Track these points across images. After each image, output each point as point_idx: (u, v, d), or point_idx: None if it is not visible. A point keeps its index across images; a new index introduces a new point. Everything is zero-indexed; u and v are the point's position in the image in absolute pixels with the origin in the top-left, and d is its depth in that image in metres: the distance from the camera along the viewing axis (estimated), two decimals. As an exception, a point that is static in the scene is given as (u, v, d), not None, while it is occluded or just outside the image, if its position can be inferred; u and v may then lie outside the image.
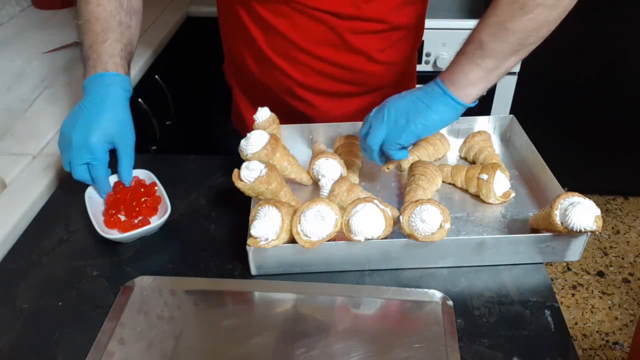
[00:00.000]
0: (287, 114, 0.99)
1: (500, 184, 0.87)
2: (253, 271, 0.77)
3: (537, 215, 0.81)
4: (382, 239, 0.74)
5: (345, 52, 0.97)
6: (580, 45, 2.04)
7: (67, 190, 0.95)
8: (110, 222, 0.83)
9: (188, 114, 1.71)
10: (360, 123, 0.99)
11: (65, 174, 0.98)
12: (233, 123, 1.23)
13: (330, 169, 0.88)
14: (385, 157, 0.85)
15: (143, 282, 0.77)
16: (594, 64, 2.08)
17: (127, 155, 0.86)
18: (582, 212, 0.72)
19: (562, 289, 2.10)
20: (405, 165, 0.94)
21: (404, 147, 0.82)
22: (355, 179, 0.91)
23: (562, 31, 0.78)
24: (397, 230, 0.77)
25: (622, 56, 2.05)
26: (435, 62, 1.76)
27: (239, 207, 0.85)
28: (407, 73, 1.14)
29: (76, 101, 1.16)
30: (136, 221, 0.84)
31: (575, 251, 0.79)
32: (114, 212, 0.85)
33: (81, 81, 1.23)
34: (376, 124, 0.82)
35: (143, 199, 0.87)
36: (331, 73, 1.00)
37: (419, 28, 1.04)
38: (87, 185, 0.88)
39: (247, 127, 0.88)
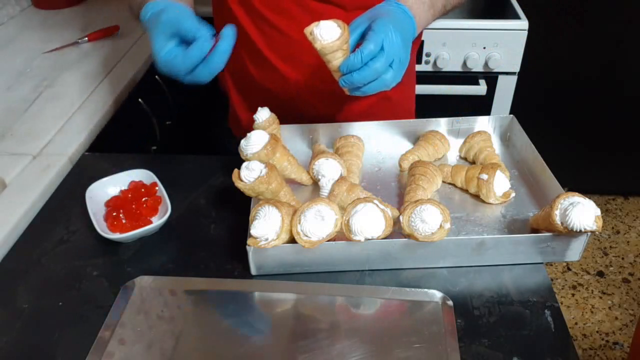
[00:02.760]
0: (287, 117, 0.99)
1: (500, 184, 0.87)
2: (253, 271, 0.77)
3: (537, 215, 0.81)
4: (382, 239, 0.74)
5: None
6: (580, 45, 2.04)
7: (67, 190, 0.95)
8: (113, 226, 0.83)
9: (188, 114, 1.71)
10: (360, 123, 0.99)
11: (65, 174, 0.99)
12: (231, 130, 1.22)
13: (330, 169, 0.88)
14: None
15: (143, 282, 0.77)
16: (594, 64, 2.08)
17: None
18: (582, 212, 0.72)
19: (562, 289, 2.10)
20: (405, 165, 0.94)
21: None
22: (355, 179, 0.91)
23: (562, 31, 0.79)
24: (397, 230, 0.77)
25: (622, 56, 2.05)
26: (435, 62, 1.76)
27: (239, 207, 0.85)
28: (407, 72, 1.14)
29: (76, 101, 1.17)
30: (136, 221, 0.84)
31: (575, 251, 0.79)
32: (115, 214, 0.84)
33: (81, 80, 1.24)
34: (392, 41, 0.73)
35: (143, 199, 0.87)
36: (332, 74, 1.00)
37: None
38: (87, 185, 0.88)
39: (245, 132, 0.88)
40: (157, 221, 0.83)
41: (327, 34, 0.72)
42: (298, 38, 0.95)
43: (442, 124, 1.01)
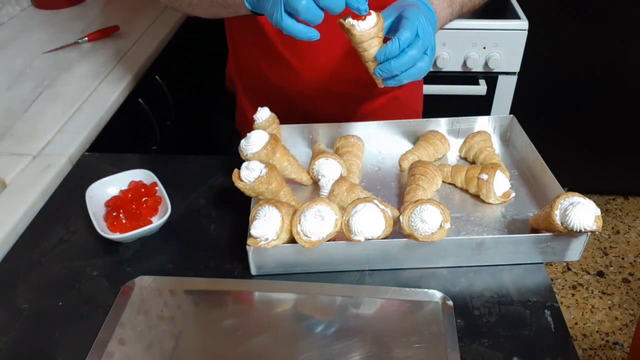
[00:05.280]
0: (295, 117, 0.99)
1: (500, 184, 0.87)
2: (253, 271, 0.77)
3: (537, 215, 0.81)
4: (382, 239, 0.74)
5: None
6: (580, 45, 2.04)
7: (67, 190, 0.95)
8: (113, 226, 0.83)
9: (188, 114, 1.71)
10: (360, 123, 0.99)
11: (65, 174, 0.99)
12: (238, 130, 1.22)
13: (330, 169, 0.88)
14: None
15: (143, 282, 0.77)
16: (594, 64, 2.08)
17: None
18: (582, 212, 0.72)
19: (562, 289, 2.10)
20: (405, 165, 0.94)
21: None
22: (355, 179, 0.91)
23: (562, 31, 0.79)
24: (397, 230, 0.77)
25: (622, 56, 2.05)
26: (435, 62, 1.75)
27: (239, 207, 0.85)
28: None
29: (76, 101, 1.17)
30: (136, 221, 0.84)
31: (575, 251, 0.79)
32: (115, 214, 0.84)
33: (81, 80, 1.24)
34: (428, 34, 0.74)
35: (143, 199, 0.87)
36: (345, 74, 1.00)
37: None
38: (87, 185, 0.88)
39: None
40: (157, 221, 0.83)
41: (363, 22, 0.71)
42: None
43: (442, 124, 1.01)
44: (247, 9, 0.77)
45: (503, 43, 1.71)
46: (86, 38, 1.42)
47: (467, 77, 1.79)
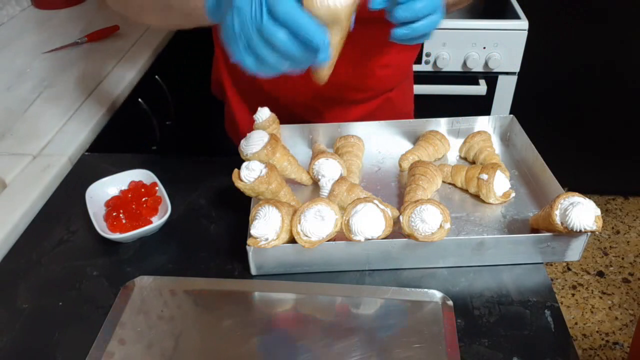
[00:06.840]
0: (285, 121, 0.99)
1: (500, 184, 0.87)
2: (253, 271, 0.77)
3: (537, 215, 0.81)
4: (382, 239, 0.74)
5: (360, 55, 0.95)
6: (580, 46, 2.04)
7: (67, 190, 0.95)
8: (113, 226, 0.83)
9: (188, 114, 1.71)
10: (360, 123, 0.99)
11: (65, 174, 0.99)
12: (228, 134, 1.21)
13: (330, 169, 0.88)
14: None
15: (143, 282, 0.77)
16: (594, 64, 2.08)
17: None
18: (582, 212, 0.72)
19: (562, 289, 2.10)
20: (405, 165, 0.94)
21: None
22: (355, 179, 0.91)
23: (562, 31, 0.79)
24: (397, 230, 0.77)
25: (622, 56, 2.05)
26: (435, 62, 1.76)
27: (239, 207, 0.85)
28: (407, 74, 1.13)
29: (76, 101, 1.17)
30: (136, 221, 0.84)
31: (575, 251, 0.79)
32: (115, 214, 0.84)
33: (81, 80, 1.24)
34: None
35: (143, 199, 0.88)
36: (337, 78, 0.99)
37: None
38: (87, 185, 0.88)
39: (244, 136, 0.87)
40: (157, 221, 0.83)
41: None
42: None
43: (442, 124, 1.01)
44: (208, 19, 0.68)
45: (503, 43, 1.71)
46: (86, 38, 1.42)
47: (467, 77, 1.80)
